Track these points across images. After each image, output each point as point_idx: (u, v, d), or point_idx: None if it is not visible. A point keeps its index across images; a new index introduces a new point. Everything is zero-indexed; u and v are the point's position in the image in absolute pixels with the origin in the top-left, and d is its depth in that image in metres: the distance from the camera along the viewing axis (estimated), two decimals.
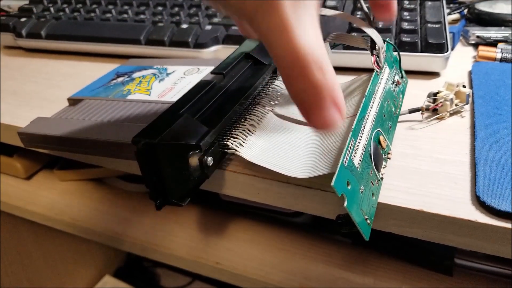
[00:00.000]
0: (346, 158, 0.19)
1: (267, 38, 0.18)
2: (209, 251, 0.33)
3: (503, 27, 0.38)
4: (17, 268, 0.56)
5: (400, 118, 0.27)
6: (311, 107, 0.18)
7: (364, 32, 0.25)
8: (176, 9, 0.44)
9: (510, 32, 0.36)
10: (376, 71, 0.26)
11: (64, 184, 0.42)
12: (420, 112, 0.27)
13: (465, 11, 0.42)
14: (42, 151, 0.30)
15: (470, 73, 0.32)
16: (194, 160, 0.22)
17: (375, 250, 0.30)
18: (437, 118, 0.27)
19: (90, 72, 0.39)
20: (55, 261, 0.62)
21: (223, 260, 0.33)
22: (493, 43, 0.36)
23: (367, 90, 0.24)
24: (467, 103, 0.28)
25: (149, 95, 0.29)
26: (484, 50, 0.34)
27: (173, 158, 0.21)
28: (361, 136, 0.21)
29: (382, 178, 0.22)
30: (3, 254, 0.53)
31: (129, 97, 0.29)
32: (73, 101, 0.31)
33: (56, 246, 0.61)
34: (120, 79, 0.33)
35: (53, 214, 0.40)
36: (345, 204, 0.18)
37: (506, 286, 0.28)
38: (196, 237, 0.35)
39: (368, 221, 0.20)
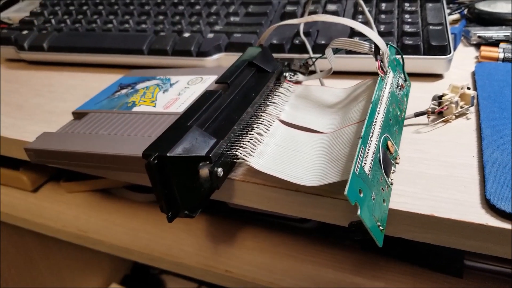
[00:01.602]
0: (357, 166, 0.19)
1: None
2: (217, 259, 0.33)
3: (504, 27, 0.38)
4: (24, 278, 0.56)
5: (406, 122, 0.27)
6: None
7: (366, 36, 0.25)
8: (177, 17, 0.44)
9: (511, 31, 0.36)
10: (381, 76, 0.26)
11: (71, 195, 0.42)
12: (426, 115, 0.27)
13: (465, 11, 0.42)
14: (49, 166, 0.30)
15: (473, 74, 0.32)
16: (204, 172, 0.22)
17: (384, 254, 0.30)
18: (443, 121, 0.27)
19: (94, 83, 0.39)
20: (61, 271, 0.62)
21: (232, 267, 0.33)
22: (495, 43, 0.36)
23: (373, 96, 0.24)
24: (472, 105, 0.28)
25: (155, 106, 0.29)
26: (486, 51, 0.34)
27: (184, 170, 0.22)
28: (370, 143, 0.21)
29: (392, 184, 0.22)
30: (10, 264, 0.53)
31: (135, 109, 0.30)
32: (78, 115, 0.32)
33: (63, 255, 0.62)
34: (124, 91, 0.33)
35: (60, 226, 0.41)
36: (359, 212, 0.18)
37: None
38: (204, 245, 0.35)
39: (381, 227, 0.20)
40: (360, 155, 0.20)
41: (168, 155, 0.21)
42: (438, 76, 0.33)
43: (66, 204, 0.42)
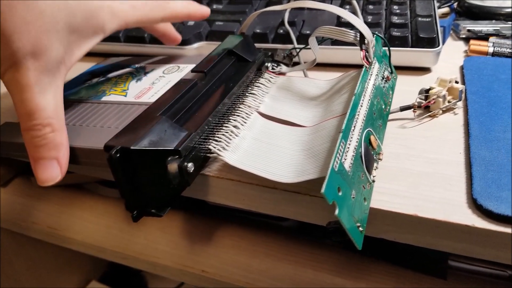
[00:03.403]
0: (337, 162, 0.18)
1: (10, 90, 0.22)
2: (194, 259, 0.32)
3: (493, 20, 0.37)
4: None
5: (391, 116, 0.26)
6: (35, 160, 0.22)
7: (353, 26, 0.24)
8: None
9: (501, 25, 0.35)
10: (366, 66, 0.24)
11: (41, 191, 0.40)
12: (412, 109, 0.26)
13: (455, 4, 0.41)
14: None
15: (461, 68, 0.31)
16: (173, 167, 0.20)
17: (366, 254, 0.29)
18: (430, 116, 0.26)
19: (70, 71, 0.37)
20: (39, 269, 0.60)
21: (209, 267, 0.31)
22: (484, 37, 0.35)
23: (357, 87, 0.22)
24: (460, 100, 0.26)
25: (125, 96, 0.27)
26: (476, 44, 0.33)
27: (150, 165, 0.20)
28: (351, 137, 0.20)
29: (373, 181, 0.21)
30: None
31: (104, 98, 0.28)
32: None
33: (39, 254, 0.59)
34: (95, 80, 0.31)
35: (30, 223, 0.38)
36: (336, 212, 0.17)
37: None
38: (180, 244, 0.33)
39: (361, 228, 0.18)
40: (340, 150, 0.18)
41: (132, 148, 0.19)
42: (425, 70, 0.32)
43: (37, 200, 0.40)
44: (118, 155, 0.19)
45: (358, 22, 0.24)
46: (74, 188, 0.40)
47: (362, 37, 0.24)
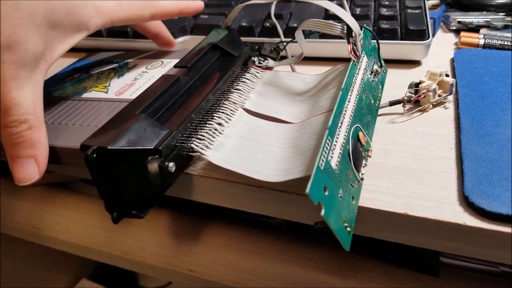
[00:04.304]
0: (322, 160, 0.17)
1: None
2: (181, 258, 0.31)
3: (484, 12, 0.36)
4: None
5: (380, 111, 0.25)
6: (12, 159, 0.21)
7: (340, 19, 0.23)
8: None
9: (492, 16, 0.35)
10: (353, 60, 0.23)
11: (25, 190, 0.39)
12: (402, 104, 0.25)
13: None
14: None
15: (452, 60, 0.31)
16: (153, 167, 0.19)
17: (357, 252, 0.29)
18: (420, 110, 0.25)
19: (52, 67, 0.36)
20: (27, 269, 0.59)
21: (196, 267, 0.30)
22: (475, 29, 0.34)
23: (344, 82, 0.21)
24: (450, 93, 0.26)
25: (106, 92, 0.26)
26: (466, 36, 0.33)
27: (130, 165, 0.19)
28: (338, 134, 0.19)
29: (362, 179, 0.20)
30: None
31: (85, 95, 0.27)
32: None
33: (27, 253, 0.58)
34: (76, 76, 0.30)
35: (13, 223, 0.37)
36: (322, 213, 0.16)
37: (494, 285, 0.27)
38: (167, 243, 0.32)
39: (348, 228, 0.18)
40: (326, 148, 0.18)
41: (109, 147, 0.18)
42: (415, 63, 0.31)
43: (20, 199, 0.39)
44: (94, 155, 0.18)
45: (345, 14, 0.23)
46: (58, 186, 0.39)
47: (349, 30, 0.23)
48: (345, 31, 0.24)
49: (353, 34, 0.23)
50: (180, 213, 0.33)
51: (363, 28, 0.25)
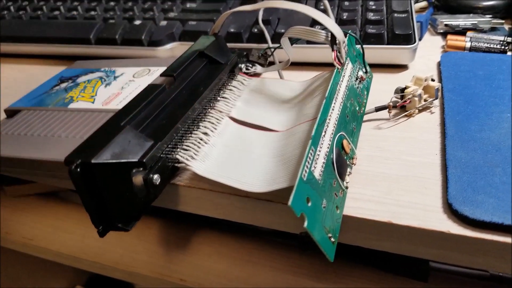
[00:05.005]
0: (305, 171, 0.17)
1: None
2: (171, 267, 0.31)
3: (471, 14, 0.37)
4: None
5: (366, 117, 0.26)
6: None
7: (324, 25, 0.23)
8: (130, 3, 0.41)
9: (479, 19, 0.35)
10: (337, 68, 0.24)
11: (15, 200, 0.39)
12: (387, 110, 0.25)
13: None
14: None
15: (439, 64, 0.31)
16: (138, 179, 0.19)
17: (347, 259, 0.29)
18: (406, 116, 0.26)
19: (41, 76, 0.36)
20: (21, 278, 0.58)
21: (187, 276, 0.30)
22: (462, 32, 0.34)
23: (328, 90, 0.21)
24: (436, 98, 0.26)
25: (93, 102, 0.26)
26: (453, 39, 0.33)
27: (114, 178, 0.19)
28: (322, 143, 0.19)
29: (347, 187, 0.20)
30: None
31: (71, 105, 0.27)
32: (10, 112, 0.28)
33: (21, 262, 0.58)
34: (63, 85, 0.30)
35: (3, 234, 0.37)
36: (305, 224, 0.16)
37: None
38: (157, 252, 0.32)
39: (332, 239, 0.18)
40: (309, 158, 0.18)
41: (92, 161, 0.18)
42: (402, 67, 0.31)
43: (10, 209, 0.38)
44: (78, 169, 0.18)
45: (328, 21, 0.23)
46: (48, 196, 0.39)
47: (333, 37, 0.23)
48: (329, 38, 0.24)
49: (337, 41, 0.23)
50: (171, 222, 0.33)
51: (348, 35, 0.25)
